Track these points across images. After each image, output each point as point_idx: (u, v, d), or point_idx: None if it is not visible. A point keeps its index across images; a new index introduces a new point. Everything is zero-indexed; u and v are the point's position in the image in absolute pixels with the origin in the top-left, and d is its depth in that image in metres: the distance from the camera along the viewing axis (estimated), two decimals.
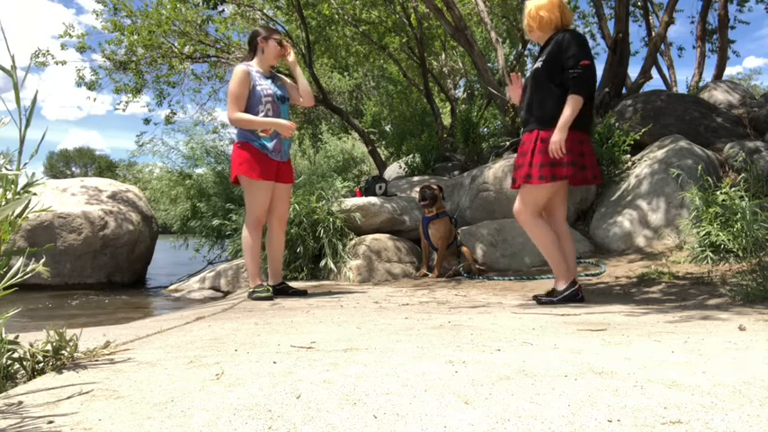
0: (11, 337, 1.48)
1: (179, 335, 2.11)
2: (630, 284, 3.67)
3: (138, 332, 2.12)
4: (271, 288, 3.55)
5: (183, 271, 6.84)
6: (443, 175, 7.58)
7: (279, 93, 3.53)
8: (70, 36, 9.16)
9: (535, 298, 3.10)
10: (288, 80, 3.73)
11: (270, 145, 3.45)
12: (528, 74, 3.15)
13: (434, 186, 4.76)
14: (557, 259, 3.00)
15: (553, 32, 3.06)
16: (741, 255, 3.04)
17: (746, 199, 3.08)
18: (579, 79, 2.87)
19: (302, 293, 3.65)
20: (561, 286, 3.02)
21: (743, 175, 3.33)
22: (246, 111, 3.45)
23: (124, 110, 10.05)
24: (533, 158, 2.96)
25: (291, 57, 3.59)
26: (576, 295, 2.98)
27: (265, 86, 3.47)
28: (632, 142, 5.77)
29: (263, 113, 3.45)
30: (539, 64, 3.04)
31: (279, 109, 3.51)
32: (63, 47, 9.33)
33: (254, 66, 3.56)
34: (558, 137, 2.85)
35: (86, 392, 1.27)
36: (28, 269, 1.43)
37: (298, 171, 6.30)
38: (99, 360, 1.59)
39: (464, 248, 4.78)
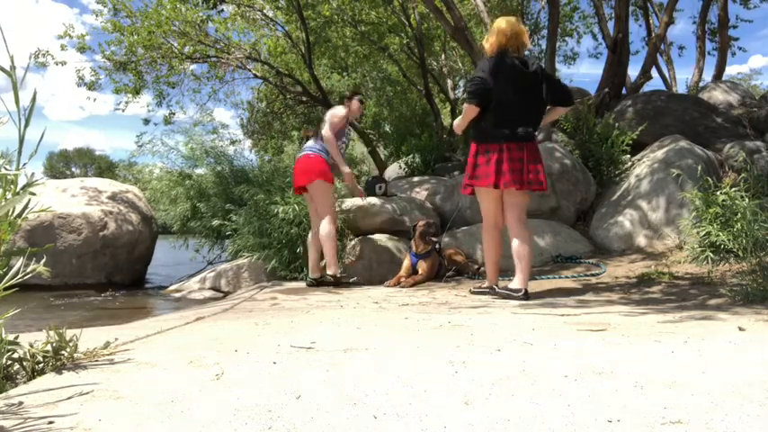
0: (11, 337, 1.48)
1: (179, 335, 2.11)
2: (630, 284, 3.67)
3: (138, 332, 2.12)
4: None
5: (183, 271, 6.83)
6: (443, 175, 7.57)
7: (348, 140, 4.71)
8: (70, 36, 9.15)
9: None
10: None
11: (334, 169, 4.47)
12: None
13: (432, 223, 4.52)
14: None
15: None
16: (741, 255, 3.03)
17: (746, 199, 3.08)
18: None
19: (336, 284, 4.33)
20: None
21: (743, 175, 3.32)
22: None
23: (123, 110, 10.05)
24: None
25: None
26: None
27: (348, 130, 4.63)
28: (630, 142, 5.77)
29: (342, 147, 4.51)
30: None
31: (345, 150, 4.63)
32: (63, 47, 9.33)
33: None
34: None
35: (86, 393, 1.27)
36: (28, 269, 1.43)
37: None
38: (99, 360, 1.59)
39: (449, 252, 4.68)
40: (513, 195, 3.38)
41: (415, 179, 7.17)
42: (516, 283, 3.32)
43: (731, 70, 35.89)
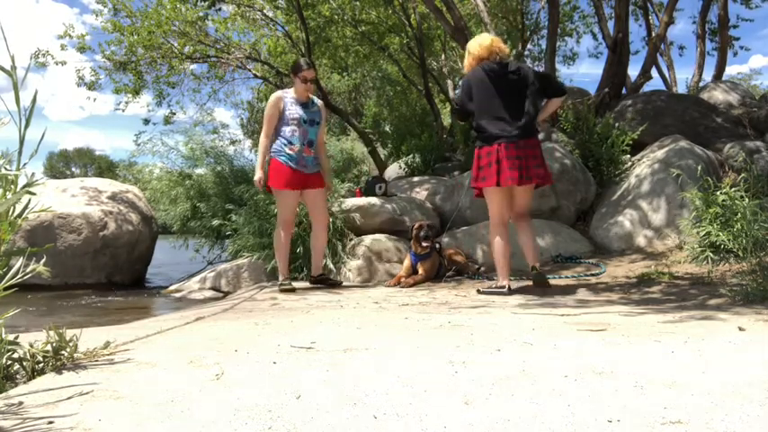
0: (11, 337, 1.48)
1: (179, 335, 2.11)
2: (630, 284, 3.67)
3: (138, 332, 2.12)
4: (291, 280, 4.10)
5: (183, 271, 6.83)
6: (443, 175, 7.57)
7: (306, 117, 4.09)
8: (70, 36, 9.15)
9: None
10: (321, 105, 4.29)
11: (294, 159, 4.03)
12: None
13: (431, 224, 4.54)
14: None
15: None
16: (741, 255, 3.03)
17: (746, 199, 3.07)
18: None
19: (338, 284, 4.24)
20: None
21: (743, 175, 3.31)
22: (277, 132, 4.08)
23: (124, 110, 10.05)
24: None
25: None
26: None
27: (293, 111, 4.06)
28: (630, 142, 5.77)
29: (290, 134, 4.04)
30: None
31: (306, 130, 4.08)
32: (63, 47, 9.33)
33: (290, 93, 4.15)
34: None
35: (86, 393, 1.27)
36: (28, 269, 1.43)
37: None
38: (99, 360, 1.59)
39: (449, 252, 4.69)
40: (517, 193, 3.58)
41: (415, 179, 7.17)
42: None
43: (731, 70, 35.86)
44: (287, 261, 4.16)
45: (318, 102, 4.27)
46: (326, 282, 4.26)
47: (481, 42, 3.64)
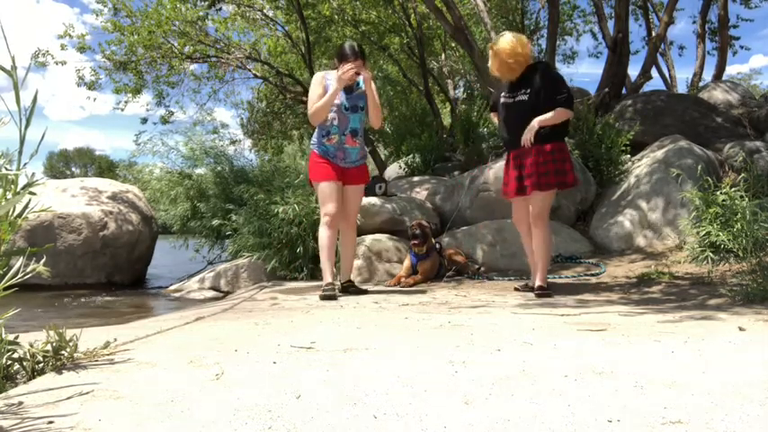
0: (11, 337, 1.48)
1: (179, 335, 2.11)
2: (630, 284, 3.67)
3: (138, 332, 2.12)
4: (335, 286, 3.49)
5: (183, 271, 6.83)
6: (443, 175, 7.57)
7: (347, 103, 3.62)
8: (70, 36, 9.16)
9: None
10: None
11: (331, 150, 3.62)
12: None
13: (425, 224, 4.51)
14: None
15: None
16: (741, 255, 3.03)
17: (746, 199, 3.07)
18: None
19: (364, 292, 3.67)
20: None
21: (743, 175, 3.31)
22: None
23: (123, 110, 10.05)
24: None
25: (366, 76, 3.62)
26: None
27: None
28: (628, 142, 5.77)
29: (328, 123, 3.61)
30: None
31: (347, 118, 3.63)
32: (63, 47, 9.33)
33: (332, 74, 3.65)
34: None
35: (86, 393, 1.27)
36: (28, 269, 1.43)
37: (297, 171, 6.28)
38: (99, 360, 1.59)
39: (449, 252, 4.69)
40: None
41: (415, 179, 7.17)
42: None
43: (731, 70, 35.73)
44: (332, 263, 3.53)
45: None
46: (354, 290, 3.69)
47: (522, 39, 3.48)
